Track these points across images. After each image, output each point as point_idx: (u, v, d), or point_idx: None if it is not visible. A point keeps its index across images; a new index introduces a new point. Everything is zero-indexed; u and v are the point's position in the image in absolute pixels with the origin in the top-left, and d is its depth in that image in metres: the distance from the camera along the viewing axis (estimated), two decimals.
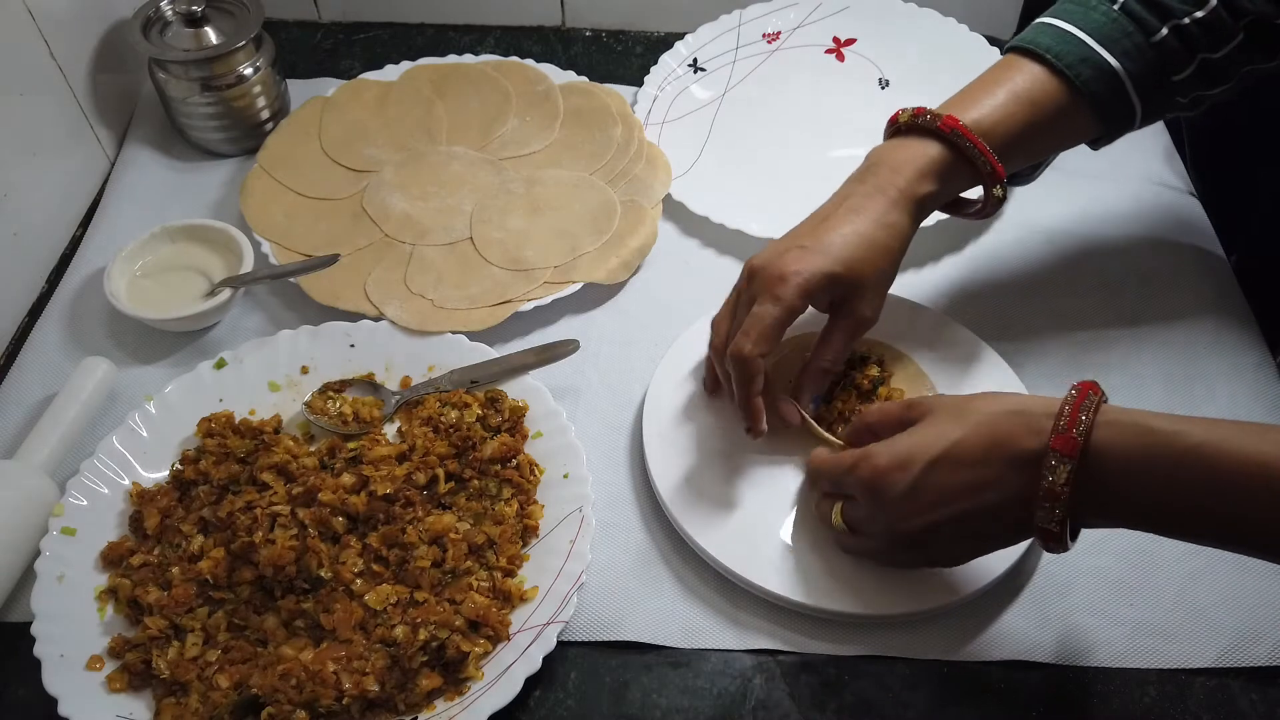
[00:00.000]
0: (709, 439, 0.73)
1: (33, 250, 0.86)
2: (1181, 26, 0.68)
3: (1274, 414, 0.77)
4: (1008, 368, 0.77)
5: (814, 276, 0.65)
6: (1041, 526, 0.55)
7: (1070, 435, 0.54)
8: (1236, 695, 0.65)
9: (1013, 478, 0.56)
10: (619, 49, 1.07)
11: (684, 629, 0.67)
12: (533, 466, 0.72)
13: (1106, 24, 0.69)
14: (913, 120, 0.70)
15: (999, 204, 0.71)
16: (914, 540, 0.60)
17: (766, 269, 0.67)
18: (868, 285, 0.67)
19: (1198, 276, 0.86)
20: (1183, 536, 0.55)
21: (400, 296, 0.81)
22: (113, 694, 0.62)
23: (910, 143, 0.69)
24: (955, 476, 0.57)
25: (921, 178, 0.68)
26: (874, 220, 0.67)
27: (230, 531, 0.67)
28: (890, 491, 0.59)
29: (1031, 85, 0.70)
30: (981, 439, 0.57)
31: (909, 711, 0.64)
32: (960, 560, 0.63)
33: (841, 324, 0.69)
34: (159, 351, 0.81)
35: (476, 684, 0.63)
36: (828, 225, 0.68)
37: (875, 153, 0.71)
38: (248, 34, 0.89)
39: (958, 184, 0.70)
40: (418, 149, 0.93)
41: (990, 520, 0.58)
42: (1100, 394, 0.56)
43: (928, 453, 0.58)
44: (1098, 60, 0.69)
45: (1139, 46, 0.69)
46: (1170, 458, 0.52)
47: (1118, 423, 0.54)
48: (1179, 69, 0.70)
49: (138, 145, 0.95)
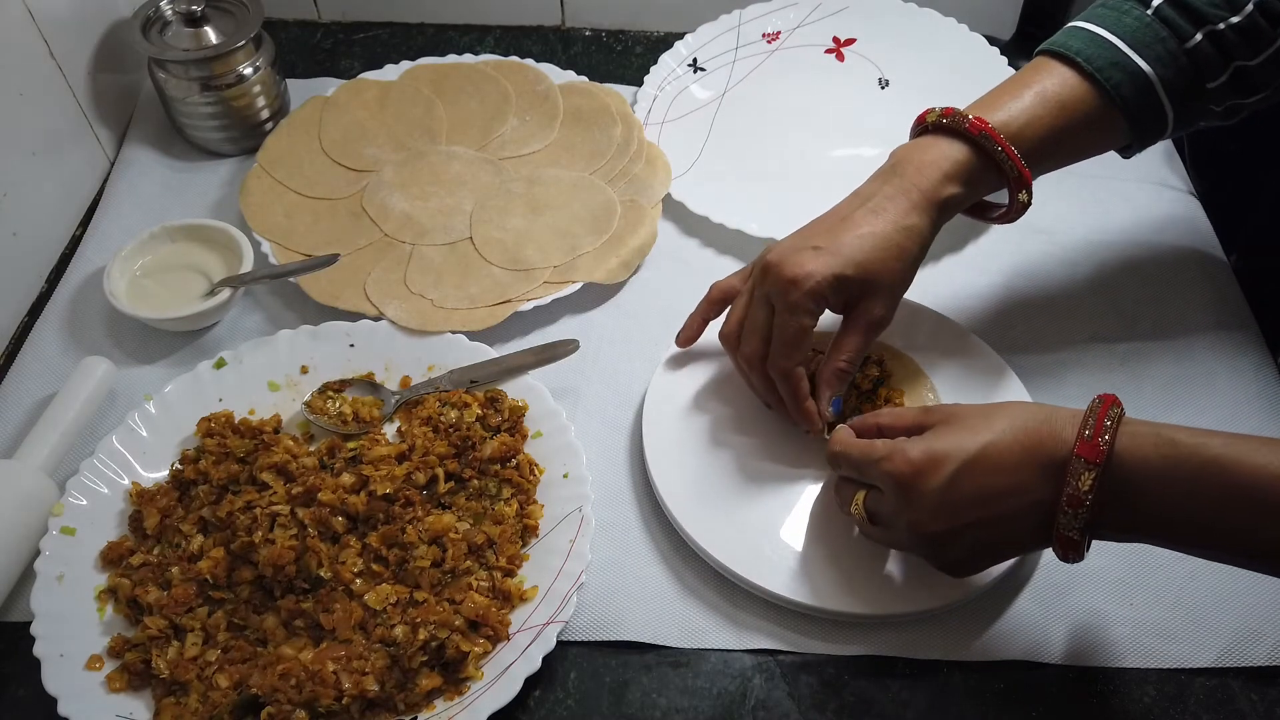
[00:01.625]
0: (709, 438, 0.73)
1: (32, 250, 0.86)
2: (1216, 32, 0.68)
3: (1274, 414, 0.77)
4: (1008, 368, 0.77)
5: (824, 279, 0.65)
6: (1063, 534, 0.55)
7: (1095, 443, 0.54)
8: (1236, 695, 0.65)
9: (1039, 484, 0.56)
10: (619, 49, 1.07)
11: (684, 629, 0.67)
12: (532, 466, 0.72)
13: (1139, 29, 0.68)
14: (941, 120, 0.69)
15: (1024, 209, 0.70)
16: (935, 541, 0.60)
17: (780, 268, 0.66)
18: (881, 286, 0.67)
19: (1198, 276, 0.86)
20: (1200, 550, 0.55)
21: (400, 296, 0.81)
22: (112, 694, 0.62)
23: (937, 142, 0.69)
24: (987, 480, 0.57)
25: (946, 180, 0.67)
26: (892, 222, 0.66)
27: (230, 531, 0.67)
28: (921, 489, 0.58)
29: (1061, 89, 0.69)
30: (1013, 444, 0.57)
31: (909, 711, 0.64)
32: (973, 569, 0.62)
33: (856, 325, 0.68)
34: (159, 351, 0.81)
35: (476, 684, 0.63)
36: (845, 225, 0.67)
37: (901, 151, 0.70)
38: (247, 34, 0.89)
39: (983, 188, 0.70)
40: (417, 149, 0.93)
41: (1012, 526, 0.58)
42: (1121, 407, 0.56)
43: (963, 453, 0.57)
44: (1129, 65, 0.68)
45: (1172, 52, 0.68)
46: (1191, 469, 0.53)
47: (1141, 433, 0.54)
48: (1213, 76, 0.69)
49: (137, 145, 0.95)
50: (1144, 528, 0.56)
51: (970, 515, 0.58)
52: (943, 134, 0.69)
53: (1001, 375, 0.76)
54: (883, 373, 0.76)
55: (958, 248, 0.88)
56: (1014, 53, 1.00)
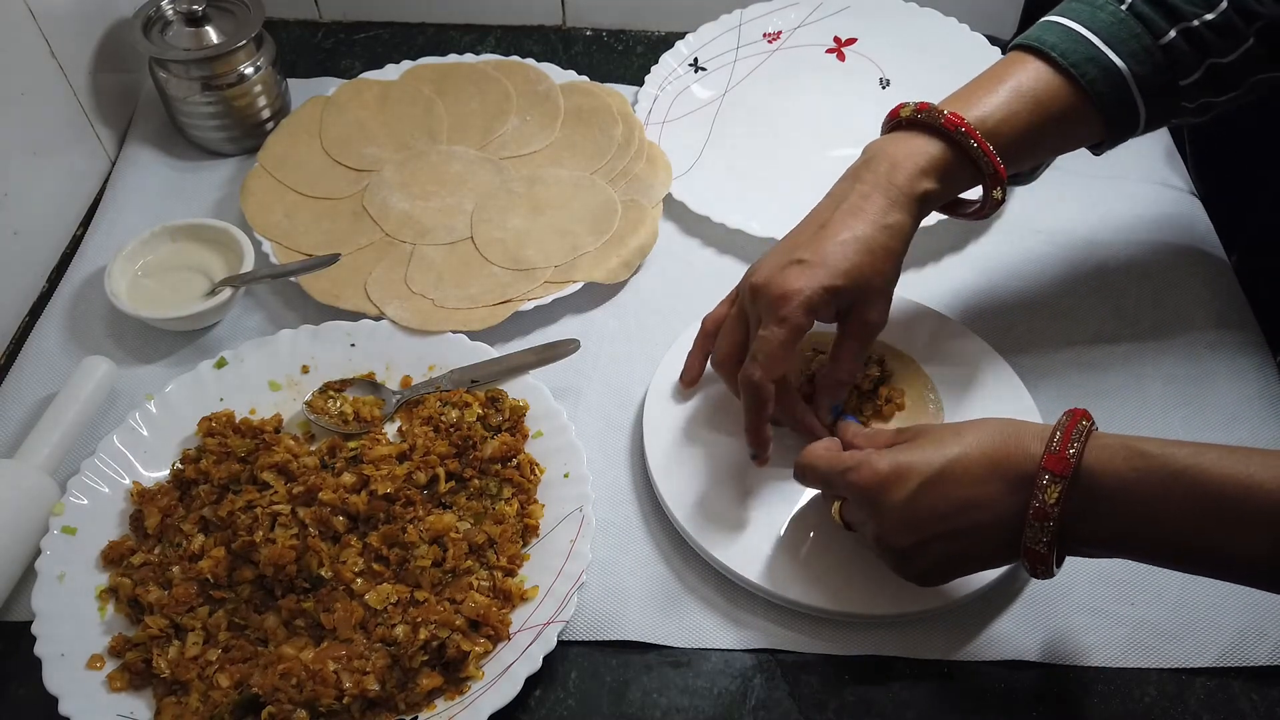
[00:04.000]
0: (709, 438, 0.73)
1: (33, 249, 0.86)
2: (1190, 29, 0.67)
3: (1275, 414, 0.77)
4: (1009, 368, 0.77)
5: (815, 293, 0.64)
6: (1030, 548, 0.55)
7: (1063, 455, 0.54)
8: (1237, 695, 0.65)
9: (1007, 498, 0.56)
10: (619, 48, 1.07)
11: (684, 629, 0.67)
12: (533, 466, 0.72)
13: (1114, 24, 0.68)
14: (915, 115, 0.68)
15: (997, 205, 0.70)
16: (900, 554, 0.60)
17: (768, 288, 0.65)
18: (872, 291, 0.66)
19: (1198, 276, 0.86)
20: (1169, 562, 0.55)
21: (401, 296, 0.81)
22: (113, 693, 0.62)
23: (911, 138, 0.68)
24: (952, 493, 0.57)
25: (922, 175, 0.66)
26: (873, 222, 0.65)
27: (231, 531, 0.67)
28: (886, 501, 0.58)
29: (1036, 84, 0.68)
30: (980, 458, 0.57)
31: (909, 711, 0.64)
32: (941, 580, 0.62)
33: (851, 332, 0.68)
34: (159, 351, 0.81)
35: (477, 683, 0.63)
36: (826, 233, 0.65)
37: (873, 146, 0.69)
38: (248, 33, 0.89)
39: (958, 183, 0.69)
40: (418, 148, 0.93)
41: (979, 539, 0.58)
42: (1091, 421, 0.56)
43: (927, 467, 0.58)
44: (1104, 60, 0.68)
45: (1146, 48, 0.68)
46: (1160, 480, 0.52)
47: (1109, 445, 0.54)
48: (1187, 73, 0.68)
49: (138, 144, 0.95)
50: (1115, 541, 0.55)
51: (936, 528, 0.58)
52: (917, 129, 0.68)
53: (1001, 375, 0.76)
54: (883, 373, 0.76)
55: (958, 248, 0.88)
56: None
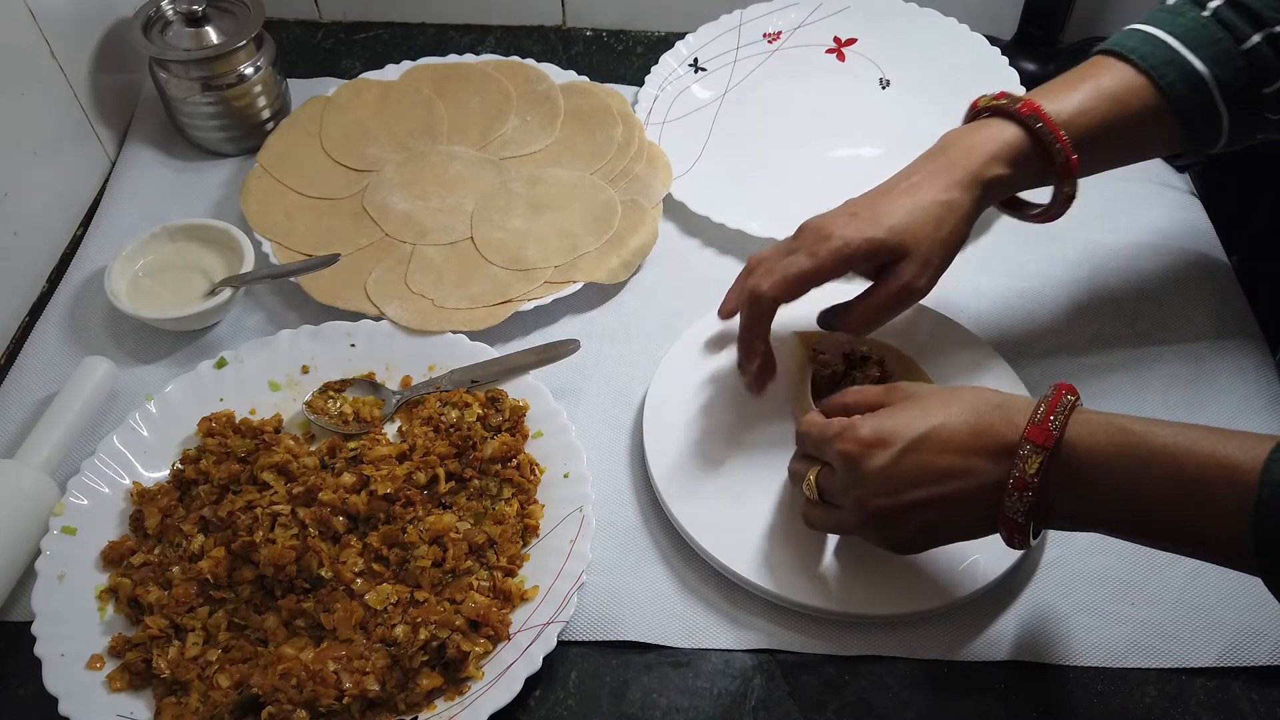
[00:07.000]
0: (710, 439, 0.73)
1: (33, 250, 0.86)
2: (1275, 35, 0.67)
3: (1275, 414, 0.77)
4: (1009, 368, 0.77)
5: (855, 240, 0.66)
6: (1009, 516, 0.56)
7: (1045, 426, 0.55)
8: (1237, 695, 0.65)
9: (988, 467, 0.56)
10: (619, 49, 1.07)
11: (684, 629, 0.67)
12: (533, 466, 0.72)
13: (1195, 29, 0.68)
14: (992, 104, 0.69)
15: (1067, 203, 0.70)
16: (880, 519, 0.60)
17: (815, 228, 0.68)
18: (915, 252, 0.67)
19: (1198, 277, 0.86)
20: (1146, 538, 0.55)
21: (401, 296, 0.81)
22: (113, 693, 0.62)
23: (987, 124, 0.69)
24: (934, 459, 0.57)
25: (993, 160, 0.67)
26: (932, 195, 0.67)
27: (231, 531, 0.67)
28: (867, 465, 0.59)
29: (1116, 84, 0.68)
30: (963, 426, 0.57)
31: (909, 711, 0.64)
32: (919, 548, 0.62)
33: (883, 288, 0.68)
34: (159, 351, 0.81)
35: (477, 683, 0.63)
36: (886, 198, 0.68)
37: (950, 134, 0.71)
38: (248, 33, 0.89)
39: (1029, 172, 0.69)
40: (418, 149, 0.93)
41: (958, 507, 0.58)
42: (1076, 396, 0.56)
43: (910, 432, 0.58)
44: (1184, 63, 0.68)
45: (1228, 53, 0.67)
46: (1140, 456, 0.53)
47: (1092, 421, 0.55)
48: (1270, 80, 0.68)
49: (138, 145, 0.95)
50: (1093, 514, 0.56)
51: (915, 494, 0.58)
52: (993, 116, 0.69)
53: (1002, 375, 0.76)
54: (883, 373, 0.76)
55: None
56: (1015, 53, 1.00)
